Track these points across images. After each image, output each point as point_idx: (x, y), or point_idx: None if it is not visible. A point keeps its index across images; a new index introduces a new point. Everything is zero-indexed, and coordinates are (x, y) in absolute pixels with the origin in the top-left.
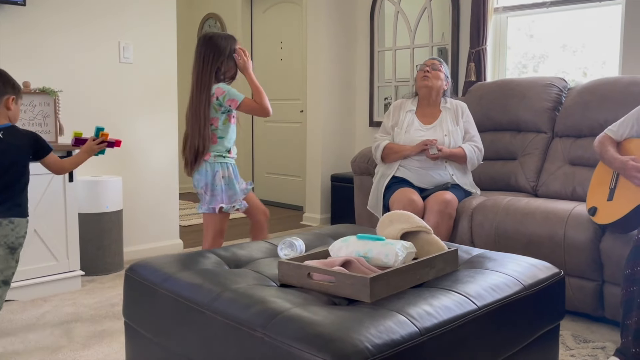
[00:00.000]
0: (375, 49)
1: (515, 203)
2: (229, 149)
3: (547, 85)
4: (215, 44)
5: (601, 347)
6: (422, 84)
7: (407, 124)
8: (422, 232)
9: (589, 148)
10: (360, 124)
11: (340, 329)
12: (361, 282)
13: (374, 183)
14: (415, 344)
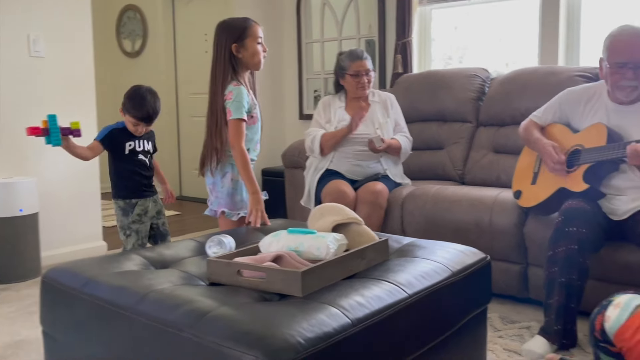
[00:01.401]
0: (303, 41)
1: (443, 191)
2: (246, 150)
3: (471, 76)
4: (229, 25)
5: (527, 326)
6: (362, 93)
7: (338, 121)
8: (353, 224)
9: (512, 136)
10: (290, 117)
11: (271, 325)
12: (292, 276)
13: (307, 176)
14: (347, 335)
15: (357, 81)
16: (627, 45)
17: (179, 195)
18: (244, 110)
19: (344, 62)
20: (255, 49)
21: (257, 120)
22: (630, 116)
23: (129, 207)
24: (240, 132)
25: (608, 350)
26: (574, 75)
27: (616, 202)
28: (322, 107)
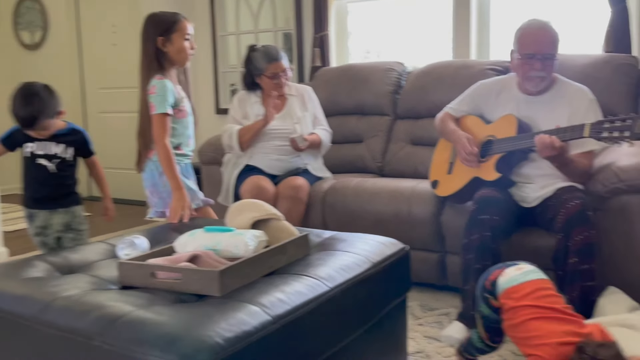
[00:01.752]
0: (218, 34)
1: (363, 184)
2: (176, 145)
3: (388, 70)
4: (157, 18)
5: (445, 313)
6: (280, 92)
7: (256, 115)
8: (273, 220)
9: (428, 128)
10: (206, 111)
11: (187, 327)
12: (209, 276)
13: (225, 173)
14: (268, 332)
15: (276, 83)
16: (535, 38)
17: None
18: (168, 105)
19: (259, 63)
20: (182, 45)
21: (186, 114)
22: (539, 107)
23: (30, 217)
24: (164, 127)
25: (489, 302)
26: (485, 69)
27: (526, 189)
28: (237, 103)
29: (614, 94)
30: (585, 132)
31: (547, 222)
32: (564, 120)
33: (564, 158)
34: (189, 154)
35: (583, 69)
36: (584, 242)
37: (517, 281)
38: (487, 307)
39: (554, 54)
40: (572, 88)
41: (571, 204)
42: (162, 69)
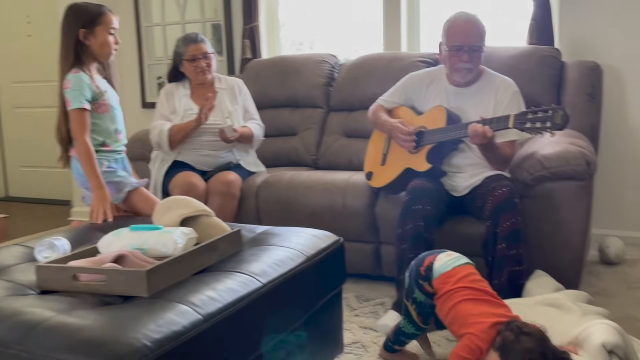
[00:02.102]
0: (142, 25)
1: (297, 177)
2: (101, 142)
3: (320, 62)
4: (80, 9)
5: (381, 303)
6: (202, 79)
7: (185, 110)
8: (203, 216)
9: (362, 120)
10: (132, 105)
11: (112, 330)
12: (136, 276)
13: (153, 169)
14: (198, 331)
15: (195, 65)
16: (463, 30)
17: (5, 196)
18: (84, 99)
19: (179, 48)
20: (106, 39)
21: (109, 108)
22: (467, 98)
23: None
24: (82, 123)
25: (423, 288)
26: (416, 61)
27: (456, 179)
28: (164, 97)
29: (538, 85)
30: (510, 123)
31: (477, 210)
32: (489, 111)
33: (491, 145)
34: (118, 149)
35: (508, 61)
36: (511, 228)
37: (451, 266)
38: (422, 293)
39: (480, 46)
40: (498, 80)
41: (499, 191)
42: (80, 62)
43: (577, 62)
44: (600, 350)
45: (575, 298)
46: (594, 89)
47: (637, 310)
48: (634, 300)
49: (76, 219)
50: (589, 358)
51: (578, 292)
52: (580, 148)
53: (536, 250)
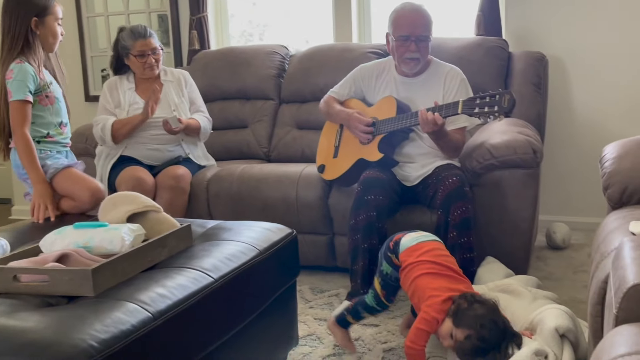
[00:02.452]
0: (84, 15)
1: (249, 170)
2: (45, 134)
3: (270, 53)
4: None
5: (335, 294)
6: (150, 74)
7: (129, 104)
8: (151, 212)
9: (314, 112)
10: (75, 99)
11: (56, 332)
12: (81, 275)
13: (98, 165)
14: (148, 330)
15: (144, 61)
16: (409, 20)
17: None
18: (28, 91)
19: (126, 42)
20: (56, 30)
21: (54, 100)
22: (416, 88)
23: None
24: (22, 115)
25: (391, 261)
26: (366, 52)
27: (408, 169)
28: (108, 91)
29: (486, 75)
30: (459, 109)
31: (428, 200)
32: (439, 100)
33: (442, 133)
34: (63, 141)
35: (457, 51)
36: (462, 216)
37: (417, 240)
38: (389, 264)
39: (427, 36)
40: (446, 68)
41: (449, 181)
42: (28, 52)
43: (524, 52)
44: (553, 334)
45: (525, 283)
46: (539, 79)
47: (582, 293)
48: (579, 284)
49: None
50: (543, 341)
51: (527, 277)
52: (527, 137)
53: (486, 237)
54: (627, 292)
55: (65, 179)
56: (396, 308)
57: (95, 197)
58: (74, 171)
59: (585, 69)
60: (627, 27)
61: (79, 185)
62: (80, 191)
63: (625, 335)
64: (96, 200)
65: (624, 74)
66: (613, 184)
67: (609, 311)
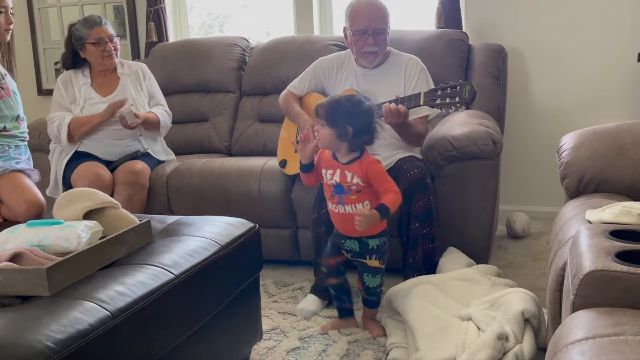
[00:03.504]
0: (35, 6)
1: (210, 164)
2: (1, 128)
3: (231, 45)
4: None
5: (300, 287)
6: (109, 63)
7: (85, 99)
8: (109, 208)
9: (275, 105)
10: (26, 93)
11: (10, 333)
12: (35, 274)
13: (53, 161)
14: (107, 328)
15: (102, 49)
16: (366, 14)
17: None
18: None
19: (80, 32)
20: None
21: (10, 93)
22: (376, 79)
23: None
24: None
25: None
26: (328, 44)
27: None
28: (62, 86)
29: (446, 67)
30: (421, 101)
31: None
32: (400, 90)
33: (405, 124)
34: (19, 135)
35: (418, 44)
36: (424, 207)
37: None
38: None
39: (385, 28)
40: (405, 58)
41: (411, 172)
42: None
43: (483, 45)
44: (518, 317)
45: (486, 272)
46: (499, 71)
47: (541, 280)
48: (538, 271)
49: None
50: (504, 322)
51: (488, 266)
52: (487, 128)
53: (448, 227)
54: (584, 279)
55: (7, 184)
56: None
57: (30, 212)
58: (20, 178)
59: (544, 60)
60: (584, 19)
61: (17, 196)
62: (16, 202)
63: (582, 321)
64: (31, 215)
65: (581, 66)
66: (570, 174)
67: (567, 297)
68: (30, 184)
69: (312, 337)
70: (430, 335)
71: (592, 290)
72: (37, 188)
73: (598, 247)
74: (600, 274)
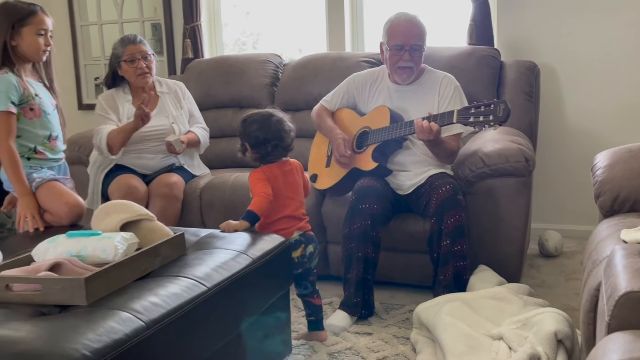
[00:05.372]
0: (77, 24)
1: (242, 179)
2: (32, 149)
3: (264, 62)
4: (10, 7)
5: (329, 302)
6: (142, 81)
7: (128, 117)
8: (144, 220)
9: (307, 120)
10: (67, 107)
11: (49, 342)
12: (73, 284)
13: (91, 174)
14: (141, 339)
15: (135, 67)
16: (403, 30)
17: None
18: (9, 102)
19: (117, 50)
20: (33, 41)
21: (40, 113)
22: (409, 96)
23: None
24: (6, 127)
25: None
26: (360, 61)
27: (401, 177)
28: (105, 104)
29: (478, 84)
30: (454, 118)
31: (421, 208)
32: (433, 107)
33: (438, 141)
34: (54, 157)
35: (449, 60)
36: (455, 224)
37: None
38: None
39: (421, 45)
40: (439, 76)
41: (443, 189)
42: (10, 63)
43: (515, 61)
44: (551, 338)
45: (517, 291)
46: (531, 87)
47: (574, 300)
48: (571, 291)
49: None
50: (537, 342)
51: (520, 285)
52: (519, 145)
53: (479, 245)
54: (619, 300)
55: (46, 192)
56: (389, 317)
57: (72, 213)
58: (57, 185)
59: (577, 77)
60: (619, 35)
61: (58, 200)
62: (57, 206)
63: (618, 343)
64: (73, 216)
65: (615, 83)
66: (604, 192)
67: (602, 319)
68: (68, 189)
69: (341, 352)
70: (461, 353)
71: (628, 311)
72: (75, 192)
73: (634, 267)
74: (636, 295)
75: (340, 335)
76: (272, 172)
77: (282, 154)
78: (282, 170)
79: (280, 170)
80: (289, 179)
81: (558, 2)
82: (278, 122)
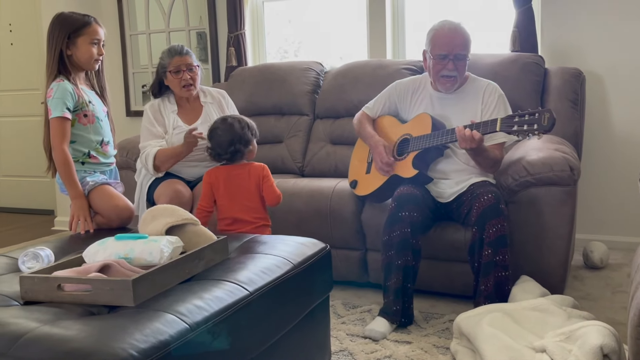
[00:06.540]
0: (127, 33)
1: (283, 184)
2: (87, 153)
3: (306, 70)
4: (65, 19)
5: (368, 310)
6: (186, 93)
7: (173, 127)
8: (189, 224)
9: (347, 127)
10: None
11: (98, 341)
12: (122, 285)
13: (138, 179)
14: (186, 340)
15: (180, 78)
16: (448, 39)
17: None
18: (65, 108)
19: (163, 60)
20: (87, 50)
21: (94, 119)
22: (452, 104)
23: None
24: (61, 132)
25: None
26: (401, 68)
27: (442, 185)
28: (152, 115)
29: (522, 91)
30: (497, 127)
31: (462, 217)
32: (477, 116)
33: (480, 149)
34: (107, 161)
35: (492, 67)
36: (497, 234)
37: None
38: None
39: (465, 55)
40: (483, 84)
41: (484, 198)
42: (66, 72)
43: (560, 68)
44: (596, 352)
45: (561, 303)
46: (576, 95)
47: (621, 314)
48: (617, 305)
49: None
50: (581, 356)
51: (563, 297)
52: (563, 154)
53: (521, 255)
54: None
55: (98, 195)
56: (429, 326)
57: (122, 216)
58: (108, 189)
59: (624, 85)
60: None
61: (108, 203)
62: (108, 209)
63: None
64: (123, 219)
65: None
66: None
67: None
68: (118, 193)
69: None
70: None
71: None
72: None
73: None
74: None
75: (379, 343)
76: (216, 175)
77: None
78: (230, 173)
79: (227, 174)
80: (233, 182)
81: (604, 7)
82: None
